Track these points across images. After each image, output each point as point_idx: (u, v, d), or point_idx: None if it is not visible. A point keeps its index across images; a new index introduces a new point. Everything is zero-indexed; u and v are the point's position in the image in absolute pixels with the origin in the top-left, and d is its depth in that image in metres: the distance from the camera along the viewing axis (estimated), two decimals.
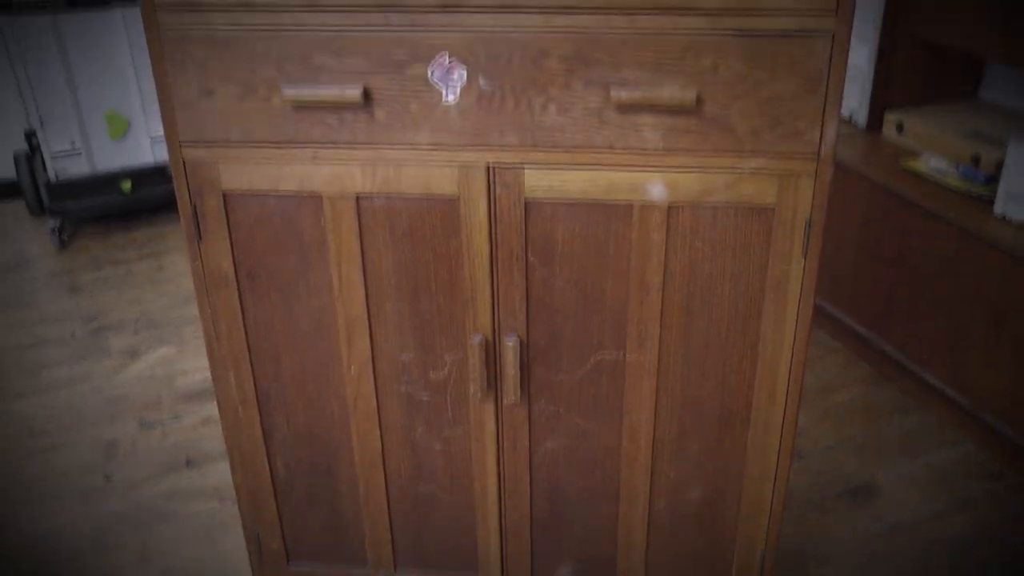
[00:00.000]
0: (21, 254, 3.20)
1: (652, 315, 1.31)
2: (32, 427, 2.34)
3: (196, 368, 2.57)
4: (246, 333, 1.40)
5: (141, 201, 3.22)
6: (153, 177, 3.20)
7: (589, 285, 1.31)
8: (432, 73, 1.19)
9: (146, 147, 3.18)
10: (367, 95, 1.21)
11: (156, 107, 3.07)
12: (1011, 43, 2.12)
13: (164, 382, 2.52)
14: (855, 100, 2.61)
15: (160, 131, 3.14)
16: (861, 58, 2.55)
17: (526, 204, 1.26)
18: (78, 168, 3.12)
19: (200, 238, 1.33)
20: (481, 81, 1.19)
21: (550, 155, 1.22)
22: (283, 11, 1.18)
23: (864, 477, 2.13)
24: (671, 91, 1.17)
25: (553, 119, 1.20)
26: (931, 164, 2.29)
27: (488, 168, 1.24)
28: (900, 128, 2.47)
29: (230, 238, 1.33)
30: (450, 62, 1.18)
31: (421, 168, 1.25)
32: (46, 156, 3.06)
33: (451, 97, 1.20)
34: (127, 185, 3.16)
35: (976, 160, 2.24)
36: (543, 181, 1.24)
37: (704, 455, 1.42)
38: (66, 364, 2.61)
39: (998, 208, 2.09)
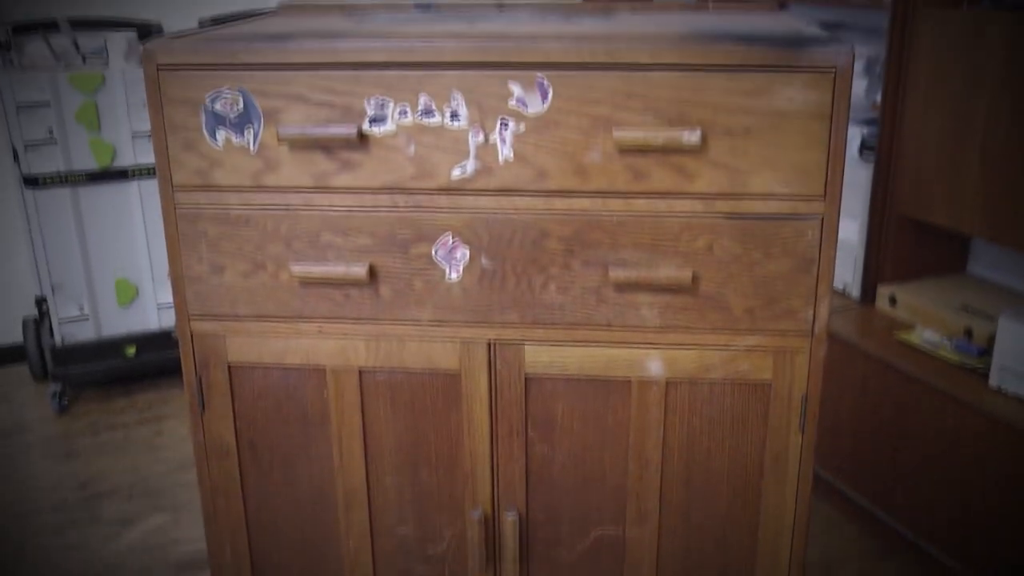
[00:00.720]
0: (19, 419, 3.20)
1: (651, 490, 1.31)
2: None
3: (191, 538, 2.53)
4: (244, 505, 1.39)
5: (144, 365, 3.25)
6: (157, 342, 3.24)
7: (588, 460, 1.31)
8: (436, 252, 1.24)
9: (152, 313, 3.23)
10: (372, 272, 1.25)
11: (165, 275, 3.13)
12: (992, 222, 2.19)
13: (157, 552, 2.47)
14: (848, 273, 2.68)
15: (166, 298, 3.20)
16: (852, 233, 2.62)
17: (526, 379, 1.28)
18: (84, 333, 3.16)
19: (203, 409, 1.34)
20: (483, 260, 1.23)
21: (550, 332, 1.25)
22: (294, 192, 1.24)
23: None
24: (667, 271, 1.21)
25: (553, 297, 1.24)
26: (925, 337, 2.33)
27: (489, 344, 1.27)
28: (893, 301, 2.52)
29: (233, 409, 1.34)
30: (453, 242, 1.23)
31: (423, 343, 1.28)
32: (54, 321, 3.11)
33: (454, 275, 1.25)
34: (131, 350, 3.19)
35: (969, 333, 2.28)
36: (543, 357, 1.27)
37: None
38: (56, 533, 2.56)
39: (993, 381, 2.11)
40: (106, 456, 2.96)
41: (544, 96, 1.16)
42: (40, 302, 3.21)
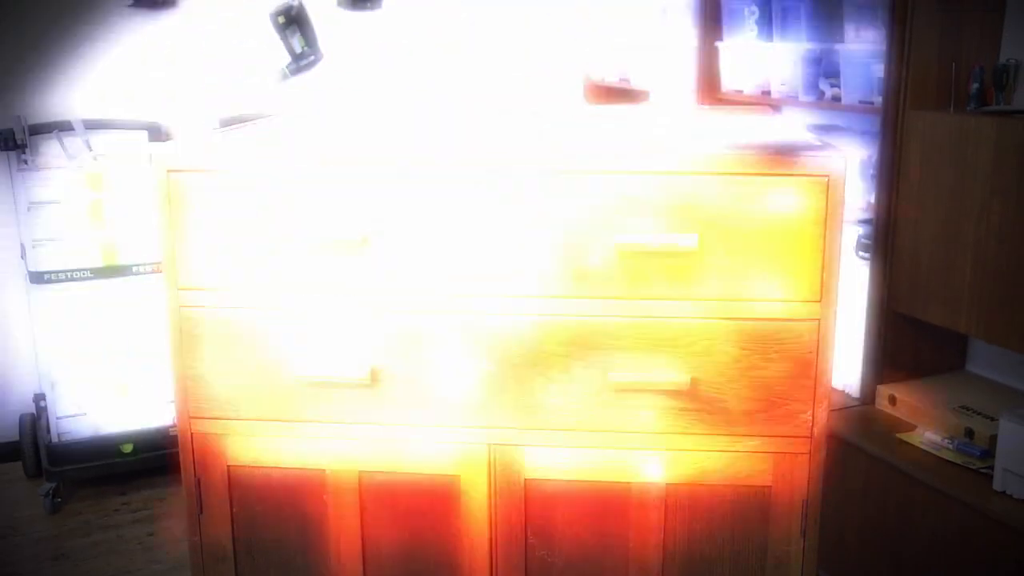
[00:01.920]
0: (9, 519, 3.15)
1: None
2: None
3: None
4: None
5: (140, 462, 3.21)
6: (154, 440, 3.21)
7: (588, 566, 1.30)
8: (438, 355, 1.25)
9: (151, 411, 3.21)
10: (374, 374, 1.26)
11: (166, 372, 3.13)
12: (985, 321, 2.20)
13: None
14: (848, 373, 2.68)
15: (166, 396, 3.18)
16: (851, 332, 2.63)
17: (526, 483, 1.27)
18: (81, 431, 3.14)
19: (201, 511, 1.33)
20: (484, 363, 1.24)
21: (550, 435, 1.25)
22: (299, 293, 1.25)
23: None
24: (666, 374, 1.21)
25: (553, 400, 1.24)
26: (926, 438, 2.32)
27: (489, 447, 1.26)
28: (893, 401, 2.52)
29: (231, 512, 1.33)
30: (456, 344, 1.24)
31: (423, 446, 1.27)
32: (51, 419, 3.09)
33: (455, 378, 1.25)
34: (128, 448, 3.17)
35: (970, 434, 2.27)
36: (543, 460, 1.26)
37: None
38: None
39: (997, 484, 2.09)
40: (97, 558, 2.91)
41: (546, 200, 1.19)
42: (39, 399, 3.20)
